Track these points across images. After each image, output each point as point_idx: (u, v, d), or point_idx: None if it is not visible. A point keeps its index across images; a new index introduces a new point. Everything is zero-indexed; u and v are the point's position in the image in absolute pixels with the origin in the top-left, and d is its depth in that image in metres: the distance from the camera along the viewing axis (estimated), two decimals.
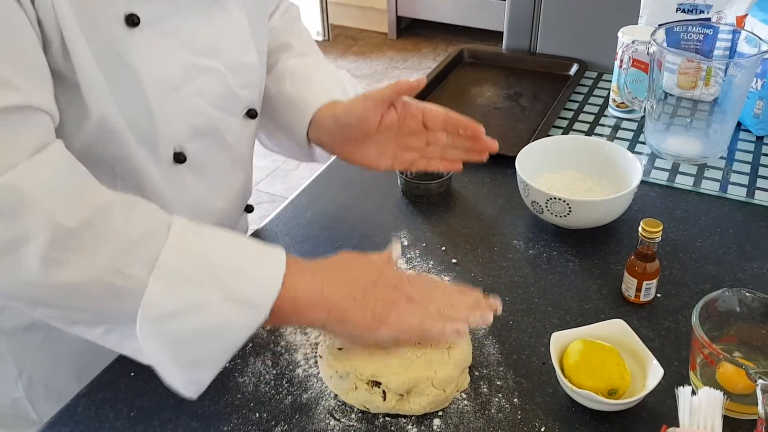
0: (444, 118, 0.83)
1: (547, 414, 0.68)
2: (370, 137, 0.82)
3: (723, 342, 0.71)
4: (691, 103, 1.09)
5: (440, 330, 0.68)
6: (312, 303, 0.65)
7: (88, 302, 0.60)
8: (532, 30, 1.42)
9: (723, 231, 0.92)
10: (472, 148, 0.85)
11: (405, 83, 0.78)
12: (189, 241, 0.62)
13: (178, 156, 0.74)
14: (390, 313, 0.67)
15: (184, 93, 0.72)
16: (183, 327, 0.60)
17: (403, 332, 0.68)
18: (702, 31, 1.08)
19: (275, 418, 0.69)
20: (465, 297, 0.72)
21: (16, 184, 0.56)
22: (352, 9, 3.98)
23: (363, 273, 0.70)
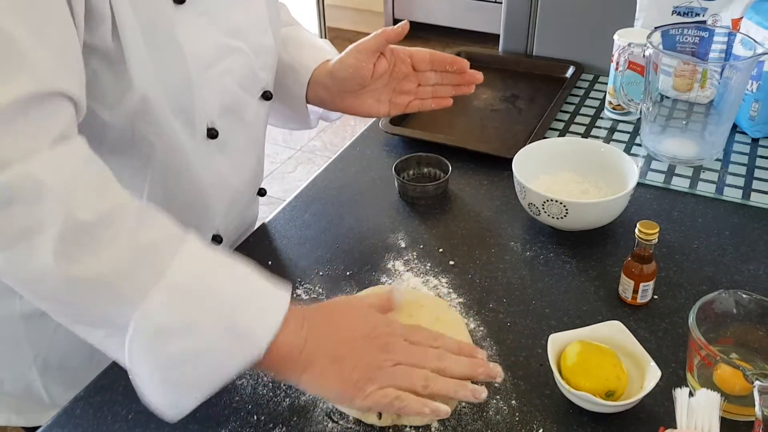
0: (430, 57, 0.90)
1: (544, 416, 0.69)
2: (366, 87, 0.88)
3: (720, 343, 0.71)
4: (687, 106, 1.10)
5: (418, 408, 0.62)
6: (290, 357, 0.63)
7: (91, 301, 0.59)
8: (529, 32, 1.42)
9: (719, 233, 0.93)
10: (459, 83, 0.91)
11: (391, 30, 0.84)
12: (200, 260, 0.62)
13: (210, 132, 0.77)
14: (369, 381, 0.63)
15: (217, 71, 0.75)
16: (176, 346, 0.59)
17: (377, 407, 0.63)
18: (698, 33, 1.09)
19: (273, 420, 0.69)
20: (462, 360, 0.66)
21: (36, 172, 0.55)
22: (349, 11, 3.98)
23: (355, 325, 0.67)
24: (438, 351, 0.66)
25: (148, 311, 0.58)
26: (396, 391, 0.62)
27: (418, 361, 0.65)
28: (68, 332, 0.82)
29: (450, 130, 1.19)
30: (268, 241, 0.95)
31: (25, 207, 0.55)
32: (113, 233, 0.58)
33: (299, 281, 0.87)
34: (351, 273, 0.88)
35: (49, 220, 0.55)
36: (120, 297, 0.58)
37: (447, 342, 0.68)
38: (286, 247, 0.94)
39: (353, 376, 0.63)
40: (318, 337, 0.64)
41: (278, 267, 0.90)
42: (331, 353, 0.63)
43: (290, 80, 0.92)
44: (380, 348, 0.65)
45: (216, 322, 0.60)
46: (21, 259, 0.56)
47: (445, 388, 0.64)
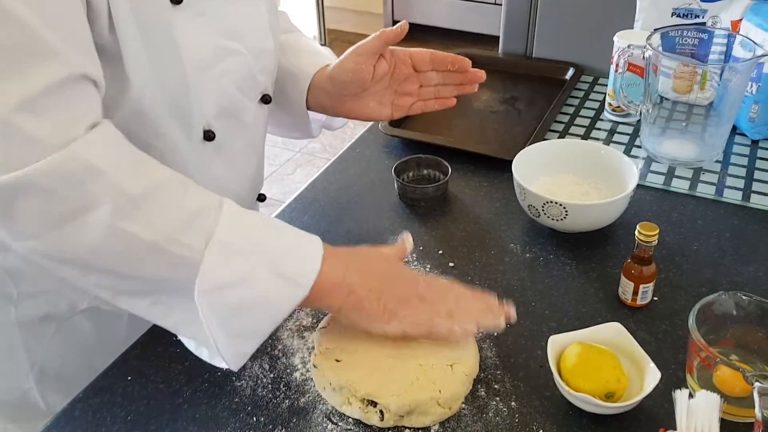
0: (431, 57, 0.88)
1: (544, 417, 0.69)
2: (367, 90, 0.87)
3: (720, 345, 0.71)
4: (687, 107, 1.10)
5: (448, 328, 0.70)
6: (333, 287, 0.68)
7: (146, 269, 0.63)
8: (528, 34, 1.42)
9: (719, 234, 0.93)
10: (462, 82, 0.90)
11: (390, 31, 0.82)
12: (240, 220, 0.66)
13: (207, 134, 0.77)
14: (402, 308, 0.70)
15: (215, 72, 0.75)
16: (233, 297, 0.64)
17: (412, 326, 0.70)
18: (697, 35, 1.09)
19: (273, 421, 0.69)
20: (477, 301, 0.74)
21: (83, 154, 0.58)
22: (349, 13, 3.99)
23: (382, 267, 0.73)
24: (456, 292, 0.74)
25: (206, 269, 0.62)
26: (427, 316, 0.70)
27: (441, 299, 0.72)
28: (65, 340, 0.84)
29: (450, 132, 1.19)
30: None
31: (77, 187, 0.58)
32: (161, 203, 0.63)
33: None
34: None
35: (102, 197, 0.59)
36: (175, 261, 0.62)
37: (461, 288, 0.75)
38: None
39: (389, 304, 0.70)
40: (354, 272, 0.70)
41: None
42: (367, 285, 0.70)
43: (290, 87, 0.91)
44: (407, 285, 0.72)
45: (265, 272, 0.65)
46: (75, 236, 0.59)
47: (467, 316, 0.71)
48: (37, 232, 0.59)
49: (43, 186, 0.57)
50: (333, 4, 3.90)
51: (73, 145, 0.58)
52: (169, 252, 0.62)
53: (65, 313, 0.83)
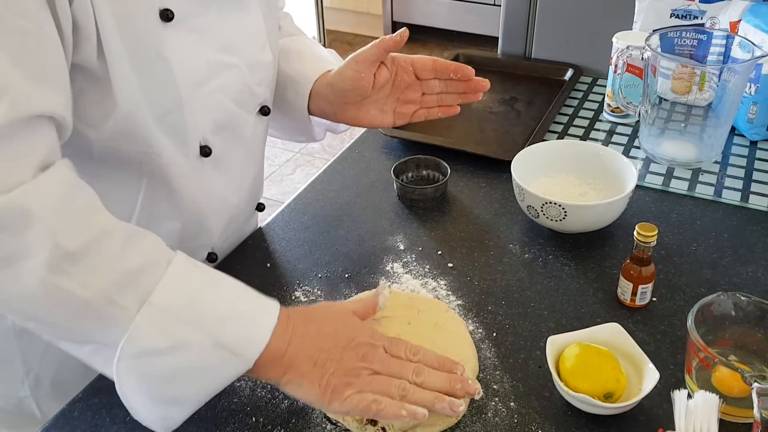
0: (433, 65, 0.86)
1: (543, 418, 0.69)
2: (368, 98, 0.85)
3: (718, 346, 0.71)
4: (686, 108, 1.10)
5: (395, 413, 0.63)
6: (274, 360, 0.64)
7: (77, 324, 0.61)
8: (527, 35, 1.42)
9: (718, 235, 0.93)
10: (465, 90, 0.87)
11: (390, 39, 0.80)
12: (186, 280, 0.62)
13: (204, 149, 0.76)
14: (346, 386, 0.64)
15: (209, 88, 0.74)
16: (164, 365, 0.60)
17: (355, 409, 0.64)
18: (696, 36, 1.09)
19: (272, 422, 0.69)
20: (440, 374, 0.66)
21: (21, 201, 0.55)
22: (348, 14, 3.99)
23: (336, 333, 0.67)
24: (417, 365, 0.67)
25: (135, 334, 0.59)
26: (373, 395, 0.63)
27: (397, 373, 0.65)
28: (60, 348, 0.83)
29: (449, 133, 1.19)
30: (266, 243, 0.95)
31: (12, 235, 0.55)
32: (99, 260, 0.59)
33: (298, 283, 0.87)
34: (349, 275, 0.88)
35: (37, 248, 0.56)
36: (106, 320, 0.59)
37: (427, 356, 0.68)
38: (285, 249, 0.94)
39: (332, 381, 0.64)
40: (300, 341, 0.65)
41: (277, 269, 0.90)
42: (311, 358, 0.65)
43: (291, 92, 0.90)
44: (360, 357, 0.66)
45: (204, 341, 0.61)
46: (7, 284, 0.57)
47: (422, 399, 0.64)
48: None
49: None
50: (332, 4, 3.90)
51: (15, 192, 0.55)
52: (100, 310, 0.59)
53: None
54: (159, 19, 0.67)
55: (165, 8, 0.67)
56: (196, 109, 0.73)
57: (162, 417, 0.63)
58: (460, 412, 0.65)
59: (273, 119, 0.94)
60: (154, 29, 0.67)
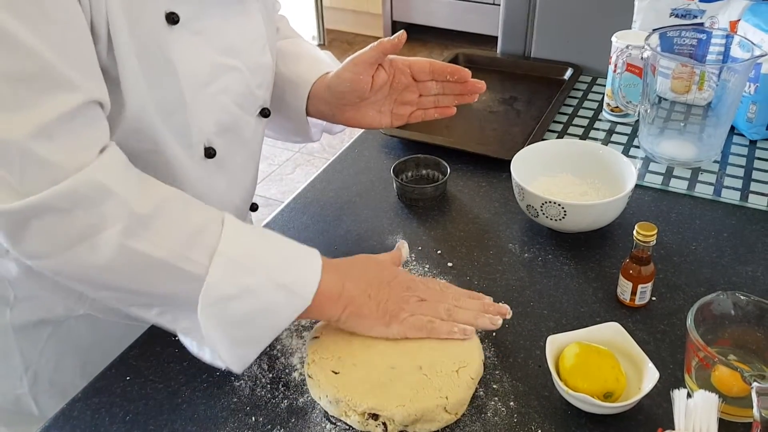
0: (430, 67, 0.88)
1: (543, 417, 0.69)
2: (366, 99, 0.87)
3: (718, 345, 0.71)
4: (685, 108, 1.10)
5: (448, 329, 0.72)
6: (333, 297, 0.71)
7: (154, 285, 0.65)
8: (527, 34, 1.42)
9: (717, 234, 0.93)
10: (462, 92, 0.89)
11: (387, 42, 0.82)
12: (242, 233, 0.68)
13: (208, 151, 0.78)
14: (401, 310, 0.72)
15: (213, 90, 0.75)
16: (237, 309, 0.66)
17: (412, 329, 0.72)
18: (695, 35, 1.09)
19: (271, 421, 0.69)
20: (474, 301, 0.76)
21: (96, 177, 0.61)
22: (348, 13, 3.99)
23: (379, 273, 0.76)
24: (453, 292, 0.77)
25: (210, 284, 0.64)
26: (426, 316, 0.72)
27: (439, 298, 0.75)
28: (59, 345, 0.84)
29: (448, 132, 1.19)
30: None
31: (88, 209, 0.61)
32: (168, 221, 0.65)
33: None
34: None
35: (114, 217, 0.62)
36: (182, 276, 0.64)
37: (457, 290, 0.78)
38: None
39: (388, 307, 0.72)
40: (352, 281, 0.73)
41: None
42: (365, 292, 0.73)
43: (289, 94, 0.91)
44: (405, 288, 0.75)
45: (267, 284, 0.67)
46: (84, 256, 0.62)
47: (467, 316, 0.73)
48: (50, 251, 0.61)
49: (59, 208, 0.59)
50: (332, 4, 3.90)
51: (88, 169, 0.60)
52: (176, 268, 0.64)
53: (61, 317, 0.83)
54: (165, 22, 0.68)
55: (171, 11, 0.68)
56: (200, 110, 0.74)
57: (239, 357, 0.68)
58: (499, 325, 0.74)
59: (270, 120, 0.94)
60: (160, 31, 0.68)
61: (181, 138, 0.74)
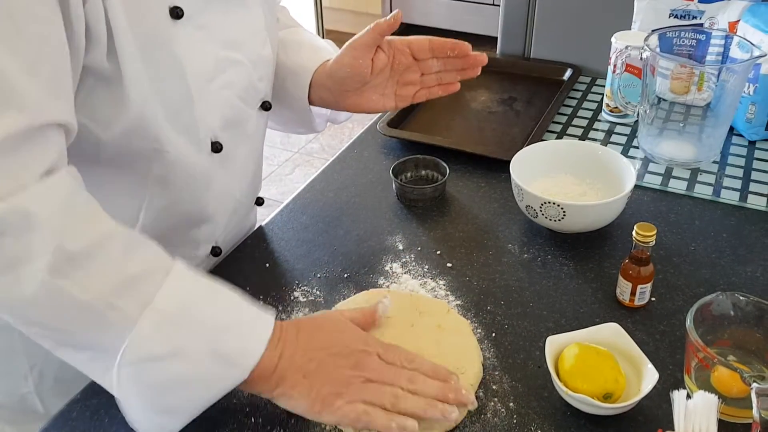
0: (429, 45, 0.85)
1: (542, 418, 0.69)
2: (368, 83, 0.85)
3: (717, 346, 0.71)
4: (684, 108, 1.10)
5: (385, 425, 0.63)
6: (264, 375, 0.64)
7: (78, 328, 0.61)
8: (526, 35, 1.42)
9: (716, 235, 0.93)
10: (463, 66, 0.87)
11: (384, 22, 0.81)
12: (185, 289, 0.63)
13: (215, 145, 0.77)
14: (337, 397, 0.64)
15: (217, 84, 0.74)
16: (162, 372, 0.60)
17: (344, 420, 0.64)
18: (695, 36, 1.09)
19: (271, 422, 0.69)
20: (433, 383, 0.67)
21: (25, 205, 0.56)
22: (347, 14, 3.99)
23: (330, 341, 0.68)
24: (411, 372, 0.67)
25: (137, 339, 0.59)
26: (364, 406, 0.63)
27: (389, 380, 0.66)
28: None
29: (448, 133, 1.19)
30: (265, 243, 0.95)
31: (16, 238, 0.55)
32: (102, 263, 0.59)
33: (297, 283, 0.87)
34: (349, 275, 0.88)
35: (40, 251, 0.56)
36: (107, 324, 0.59)
37: (422, 364, 0.68)
38: (284, 249, 0.94)
39: (322, 391, 0.64)
40: (291, 353, 0.65)
41: (276, 269, 0.90)
42: (302, 369, 0.65)
43: (291, 84, 0.90)
44: (352, 365, 0.66)
45: (201, 349, 0.61)
46: (9, 287, 0.57)
47: (414, 407, 0.64)
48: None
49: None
50: (331, 4, 3.90)
51: (20, 196, 0.55)
52: (102, 314, 0.59)
53: None
54: (169, 17, 0.67)
55: (175, 5, 0.67)
56: (206, 105, 0.73)
57: (158, 426, 0.63)
58: (452, 419, 0.65)
59: (273, 112, 0.94)
60: (165, 27, 0.67)
61: (189, 134, 0.73)
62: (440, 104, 1.27)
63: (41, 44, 0.57)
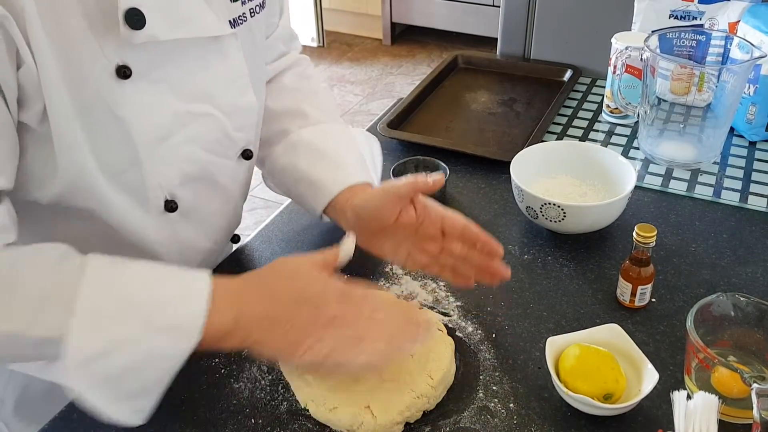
0: (462, 228, 0.79)
1: (542, 419, 0.69)
2: (387, 231, 0.80)
3: (718, 346, 0.71)
4: (685, 109, 1.10)
5: (353, 358, 0.64)
6: (227, 333, 0.63)
7: (15, 353, 0.61)
8: (526, 36, 1.43)
9: (717, 236, 0.93)
10: (484, 269, 0.79)
11: (423, 181, 0.76)
12: (106, 278, 0.61)
13: (169, 204, 0.73)
14: (305, 338, 0.64)
15: (175, 140, 0.70)
16: (113, 364, 0.59)
17: (315, 360, 0.64)
18: (695, 37, 1.09)
19: (271, 423, 0.69)
20: (395, 315, 0.68)
21: None
22: (347, 15, 3.99)
23: (286, 288, 0.67)
24: (373, 305, 0.68)
25: (74, 344, 0.58)
26: (331, 344, 0.64)
27: (352, 316, 0.66)
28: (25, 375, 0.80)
29: (448, 134, 1.19)
30: (265, 244, 0.95)
31: None
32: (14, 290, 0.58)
33: None
34: (349, 276, 0.87)
35: None
36: (41, 342, 0.58)
37: (383, 297, 0.70)
38: (284, 250, 0.94)
39: (289, 336, 0.64)
40: (250, 307, 0.64)
41: None
42: (265, 319, 0.64)
43: (307, 194, 0.85)
44: (314, 307, 0.66)
45: (143, 331, 0.60)
46: None
47: (380, 334, 0.66)
48: None
49: None
50: (331, 5, 3.90)
51: None
52: (29, 337, 0.57)
53: None
54: (115, 77, 0.63)
55: (122, 65, 0.63)
56: (157, 165, 0.70)
57: (132, 410, 0.62)
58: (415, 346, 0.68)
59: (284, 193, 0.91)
60: (108, 89, 0.63)
61: (134, 194, 0.70)
62: (440, 105, 1.27)
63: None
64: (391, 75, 3.63)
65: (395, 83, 3.56)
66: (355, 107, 3.37)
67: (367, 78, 3.62)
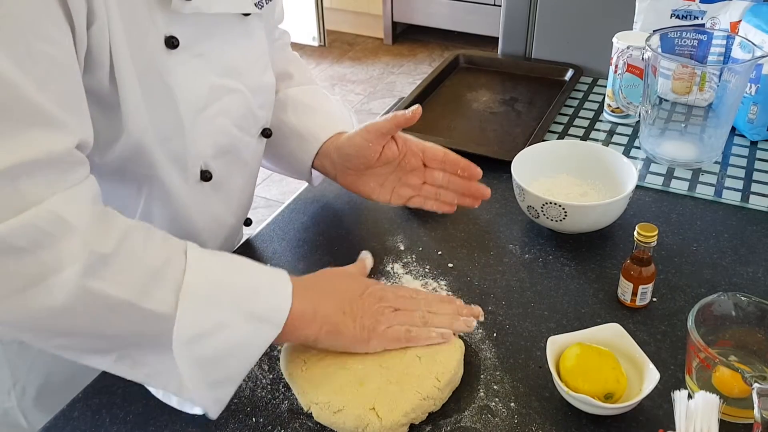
0: (443, 157, 0.86)
1: (543, 418, 0.69)
2: (371, 168, 0.86)
3: (719, 346, 0.71)
4: (686, 108, 1.10)
5: (426, 336, 0.72)
6: (307, 320, 0.68)
7: (117, 327, 0.61)
8: (528, 35, 1.42)
9: (718, 235, 0.93)
10: (465, 192, 0.87)
11: (402, 115, 0.80)
12: (205, 266, 0.65)
13: (204, 174, 0.77)
14: (378, 323, 0.71)
15: (211, 112, 0.74)
16: (212, 345, 0.63)
17: (392, 341, 0.71)
18: (696, 36, 1.09)
19: (272, 422, 0.69)
20: (446, 305, 0.75)
21: (57, 210, 0.56)
22: (348, 14, 3.99)
23: (349, 287, 0.74)
24: (424, 298, 0.76)
25: (182, 323, 0.61)
26: (403, 327, 0.71)
27: (412, 307, 0.74)
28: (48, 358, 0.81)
29: (449, 133, 1.19)
30: (267, 243, 0.95)
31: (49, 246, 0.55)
32: (129, 260, 0.60)
33: None
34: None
35: (72, 257, 0.56)
36: (148, 316, 0.60)
37: (427, 293, 0.78)
38: (285, 249, 0.94)
39: (364, 322, 0.70)
40: (324, 299, 0.71)
41: None
42: (340, 309, 0.70)
43: (297, 147, 0.90)
44: (378, 299, 0.73)
45: (238, 316, 0.64)
46: (38, 301, 0.55)
47: (442, 321, 0.73)
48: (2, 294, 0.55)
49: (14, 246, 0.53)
50: (332, 5, 3.90)
51: (48, 202, 0.55)
52: (140, 308, 0.59)
53: None
54: (164, 46, 0.67)
55: (170, 35, 0.67)
56: (198, 134, 0.73)
57: (215, 399, 0.65)
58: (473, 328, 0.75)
59: (273, 159, 0.94)
60: (160, 56, 0.67)
61: (177, 162, 0.73)
62: (441, 105, 1.27)
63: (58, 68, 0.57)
64: (392, 74, 3.63)
65: (396, 82, 3.56)
66: (356, 106, 3.37)
67: (368, 77, 3.62)
